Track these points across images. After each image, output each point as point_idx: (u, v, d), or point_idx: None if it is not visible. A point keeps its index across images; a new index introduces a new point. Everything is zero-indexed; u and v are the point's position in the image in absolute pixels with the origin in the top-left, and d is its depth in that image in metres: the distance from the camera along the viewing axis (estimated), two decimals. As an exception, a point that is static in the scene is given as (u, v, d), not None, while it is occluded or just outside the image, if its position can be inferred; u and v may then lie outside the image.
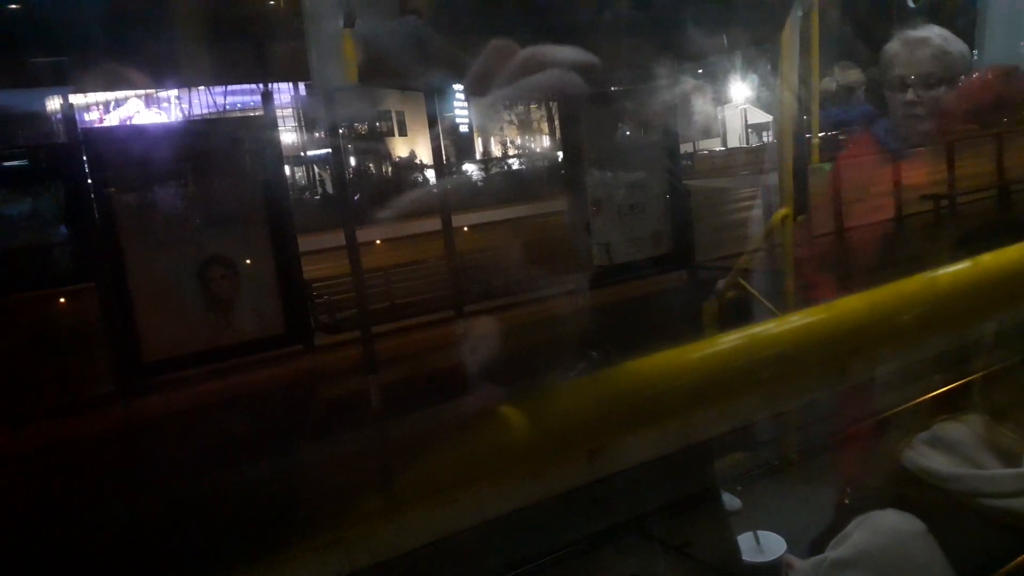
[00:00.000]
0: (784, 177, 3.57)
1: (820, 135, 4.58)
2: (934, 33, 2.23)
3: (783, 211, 3.47)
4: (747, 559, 2.75)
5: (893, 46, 2.29)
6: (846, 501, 2.29)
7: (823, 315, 2.08)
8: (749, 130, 26.02)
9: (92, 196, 4.57)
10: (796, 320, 2.15)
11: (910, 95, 2.25)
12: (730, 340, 1.91)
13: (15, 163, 4.89)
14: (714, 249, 6.41)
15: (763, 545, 2.79)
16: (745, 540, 2.80)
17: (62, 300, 4.51)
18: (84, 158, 4.57)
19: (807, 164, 3.94)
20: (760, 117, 24.33)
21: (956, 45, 2.23)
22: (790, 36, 3.29)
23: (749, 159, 19.50)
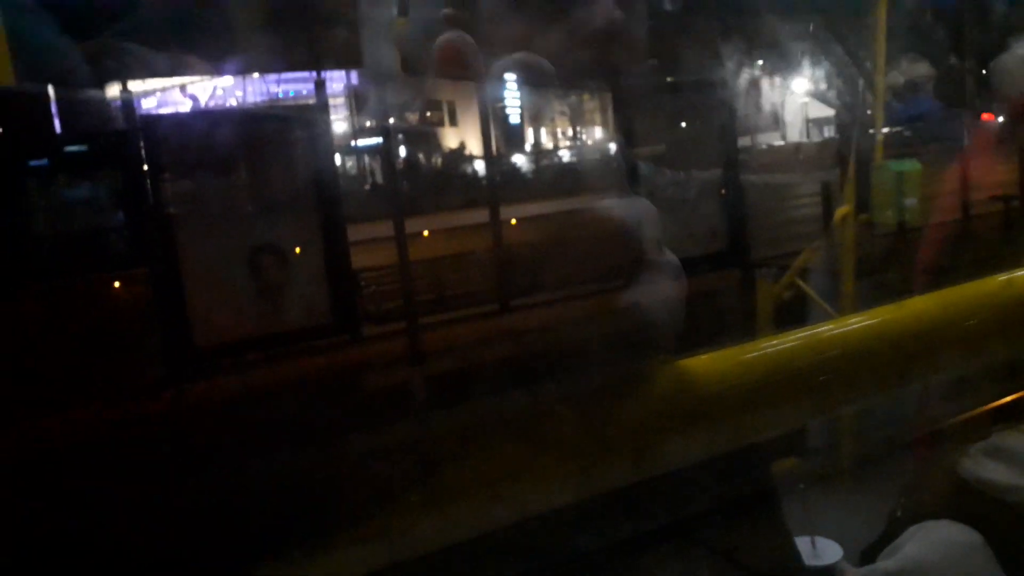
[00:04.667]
0: (847, 174, 3.45)
1: (884, 131, 4.41)
2: None
3: (844, 209, 3.35)
4: (803, 563, 2.66)
5: (1008, 60, 2.27)
6: (899, 511, 2.20)
7: (884, 318, 1.99)
8: (810, 124, 25.41)
9: (148, 182, 4.66)
10: (855, 322, 2.06)
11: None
12: (785, 342, 1.84)
13: (75, 148, 5.00)
14: (771, 246, 6.25)
15: (819, 550, 2.70)
16: (801, 544, 2.72)
17: (116, 284, 4.60)
18: (141, 144, 4.65)
19: (870, 161, 3.80)
20: (822, 111, 23.74)
21: None
22: (872, 26, 3.18)
23: (810, 154, 19.06)
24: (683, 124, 5.82)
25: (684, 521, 2.90)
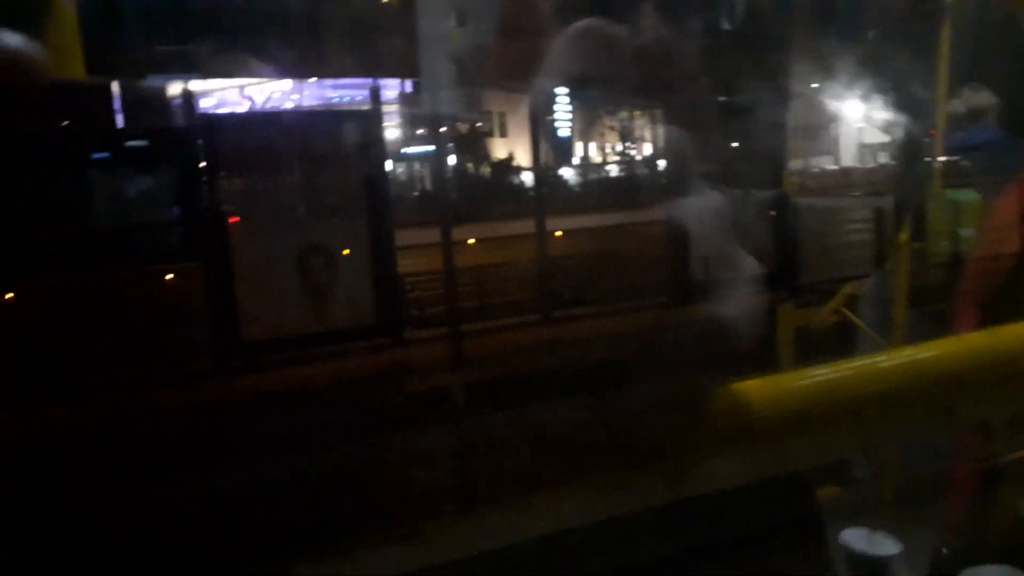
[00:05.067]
0: (902, 200, 3.38)
1: (942, 159, 4.32)
2: None
3: (902, 236, 3.28)
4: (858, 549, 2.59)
5: None
6: (945, 549, 2.14)
7: (938, 352, 1.95)
8: (865, 149, 24.99)
9: (205, 179, 4.78)
10: (908, 355, 2.02)
11: None
12: (837, 371, 1.81)
13: (137, 143, 5.15)
14: (819, 271, 6.15)
15: (876, 542, 2.62)
16: (857, 535, 2.64)
17: (170, 276, 4.72)
18: (200, 142, 4.77)
19: (927, 188, 3.72)
20: (878, 136, 23.33)
21: None
22: (934, 51, 3.13)
23: (863, 179, 18.72)
24: (734, 143, 5.77)
25: (722, 544, 2.86)
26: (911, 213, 3.39)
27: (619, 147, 28.18)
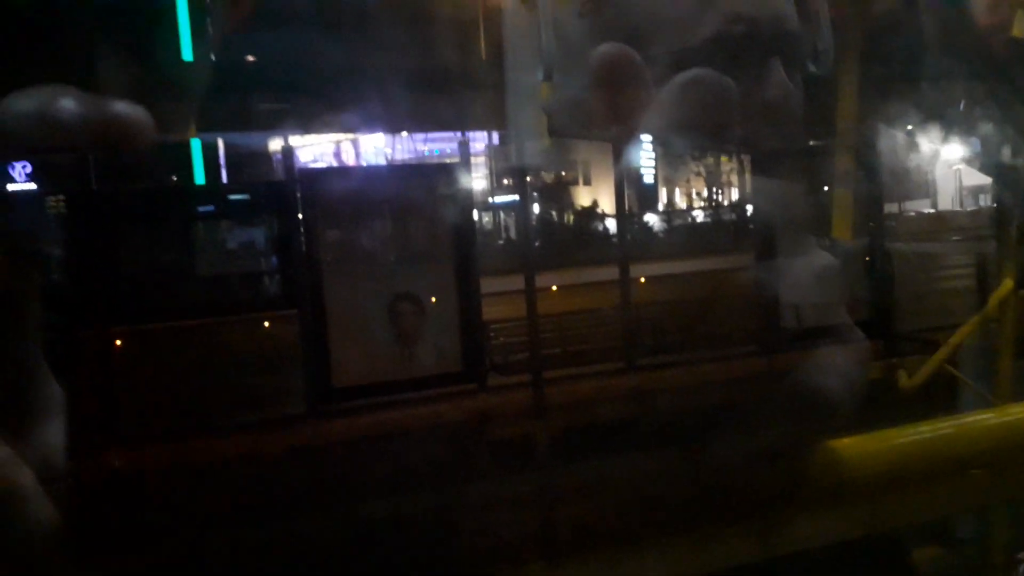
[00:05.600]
0: (1006, 245, 3.23)
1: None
2: None
3: (1006, 283, 3.12)
4: None
5: None
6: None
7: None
8: (964, 192, 23.96)
9: (301, 230, 4.99)
10: (1016, 412, 1.93)
11: None
12: (938, 428, 1.73)
13: (238, 197, 5.43)
14: (917, 319, 5.89)
15: None
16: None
17: (266, 324, 4.91)
18: (298, 195, 5.00)
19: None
20: (977, 179, 22.36)
21: None
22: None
23: (962, 223, 17.91)
24: (825, 188, 5.64)
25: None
26: (1015, 259, 3.22)
27: (705, 193, 27.90)
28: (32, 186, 5.30)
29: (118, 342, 4.63)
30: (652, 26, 0.72)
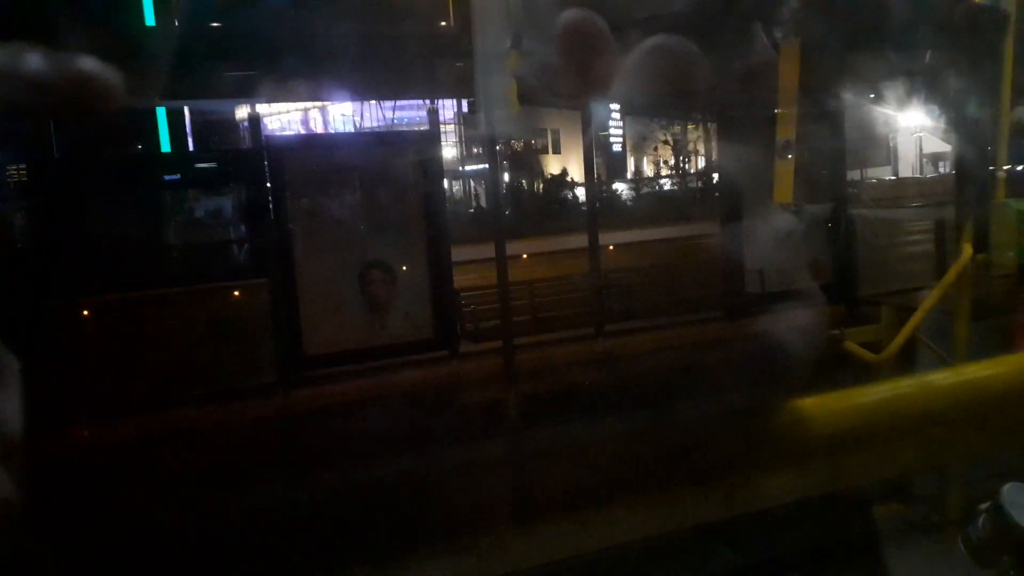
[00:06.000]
0: (965, 212, 3.31)
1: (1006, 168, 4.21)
2: None
3: (966, 249, 3.19)
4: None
5: None
6: (1012, 572, 2.09)
7: (1003, 369, 1.92)
8: (924, 159, 24.34)
9: (270, 199, 4.94)
10: (972, 372, 1.99)
11: None
12: (898, 388, 1.79)
13: (205, 165, 5.34)
14: (878, 283, 6.02)
15: None
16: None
17: (237, 293, 4.87)
18: (265, 164, 4.94)
19: (990, 199, 3.63)
20: (937, 146, 22.70)
21: None
22: (1001, 58, 3.06)
23: (922, 190, 18.22)
24: (790, 155, 5.71)
25: (779, 561, 2.84)
26: (973, 224, 3.30)
27: (672, 161, 28.01)
28: (-9, 154, 5.17)
29: (84, 312, 4.57)
30: None
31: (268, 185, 4.92)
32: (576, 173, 22.89)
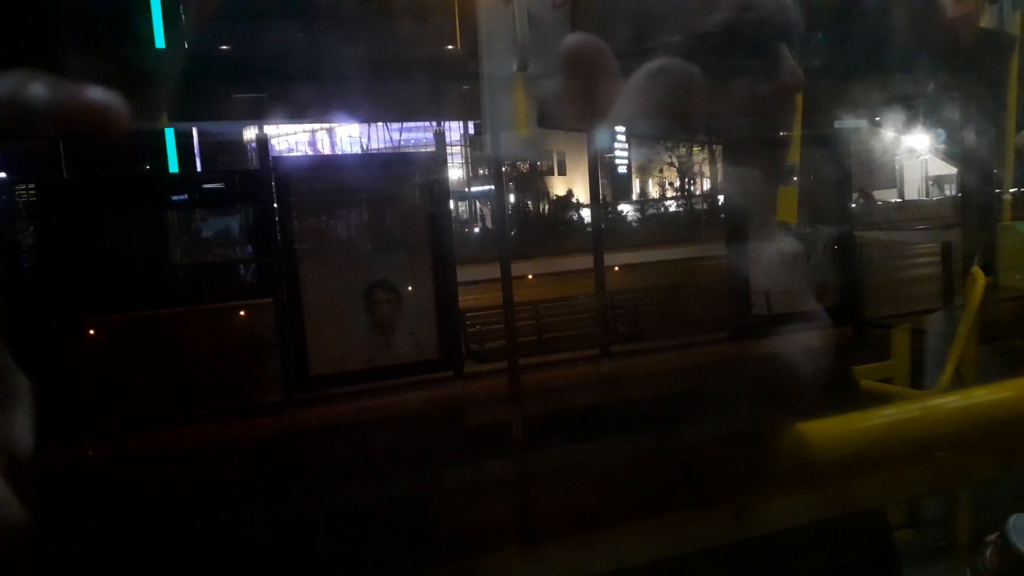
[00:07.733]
0: (970, 234, 3.31)
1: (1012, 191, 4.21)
2: None
3: (975, 271, 3.18)
4: None
5: None
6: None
7: (1011, 393, 1.90)
8: (930, 182, 24.36)
9: (276, 219, 4.96)
10: (979, 396, 1.98)
11: None
12: (903, 411, 1.78)
13: (213, 186, 5.38)
14: (885, 306, 6.00)
15: None
16: None
17: (242, 313, 4.89)
18: (273, 184, 4.97)
19: (996, 222, 3.64)
20: (943, 169, 22.74)
21: None
22: (1008, 83, 3.08)
23: (928, 212, 18.21)
24: (794, 177, 5.72)
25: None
26: (981, 246, 3.30)
27: (678, 182, 28.09)
28: (1, 174, 5.22)
29: (91, 331, 4.58)
30: (662, 13, 0.74)
31: (275, 205, 4.95)
32: (582, 194, 22.99)
